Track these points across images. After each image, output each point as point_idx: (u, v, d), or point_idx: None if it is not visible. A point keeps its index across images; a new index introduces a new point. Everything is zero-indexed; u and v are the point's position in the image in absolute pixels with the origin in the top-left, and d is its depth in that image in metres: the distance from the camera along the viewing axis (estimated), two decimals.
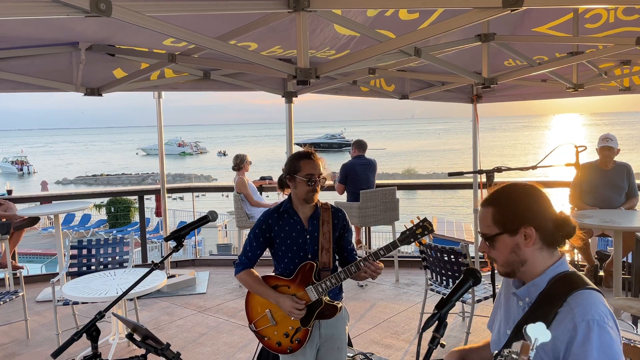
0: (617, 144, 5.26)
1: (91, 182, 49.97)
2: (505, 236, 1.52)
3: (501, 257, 1.55)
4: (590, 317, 1.35)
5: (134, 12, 1.84)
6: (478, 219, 1.63)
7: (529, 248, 1.52)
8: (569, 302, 1.42)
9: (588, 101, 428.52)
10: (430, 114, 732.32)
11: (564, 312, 1.41)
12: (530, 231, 1.50)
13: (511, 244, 1.52)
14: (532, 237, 1.51)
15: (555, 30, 4.01)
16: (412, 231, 2.46)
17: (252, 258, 2.63)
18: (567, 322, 1.38)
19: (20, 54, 3.35)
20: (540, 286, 1.51)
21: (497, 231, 1.53)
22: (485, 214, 1.57)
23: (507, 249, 1.53)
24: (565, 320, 1.39)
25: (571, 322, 1.37)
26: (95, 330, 1.83)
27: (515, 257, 1.53)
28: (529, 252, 1.52)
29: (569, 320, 1.38)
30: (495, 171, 4.01)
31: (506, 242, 1.53)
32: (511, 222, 1.52)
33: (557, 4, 2.88)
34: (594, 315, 1.36)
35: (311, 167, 2.52)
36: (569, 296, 1.43)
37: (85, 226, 18.78)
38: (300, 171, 2.51)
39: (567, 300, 1.42)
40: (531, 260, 1.53)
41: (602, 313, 1.37)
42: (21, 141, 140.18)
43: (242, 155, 6.40)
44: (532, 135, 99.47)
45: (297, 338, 2.54)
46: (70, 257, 4.81)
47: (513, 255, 1.53)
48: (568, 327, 1.37)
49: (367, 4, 2.67)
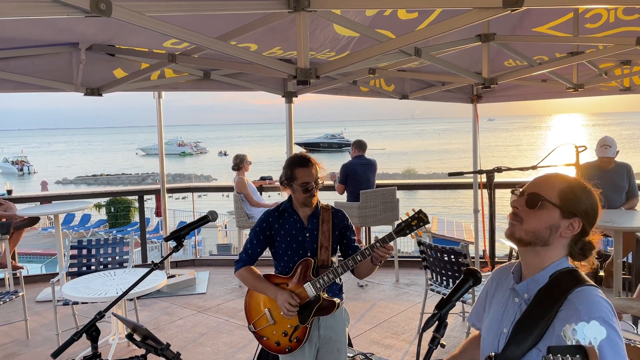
0: (615, 149, 5.24)
1: (91, 182, 49.93)
2: (557, 212, 1.47)
3: (535, 223, 1.49)
4: (597, 315, 1.34)
5: (134, 12, 1.84)
6: (536, 180, 1.54)
7: (561, 238, 1.49)
8: (571, 300, 1.40)
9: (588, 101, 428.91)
10: (430, 114, 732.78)
11: (566, 311, 1.39)
12: (578, 225, 1.47)
13: (554, 221, 1.47)
14: (573, 232, 1.48)
15: (555, 30, 4.01)
16: (407, 223, 2.46)
17: (252, 256, 2.65)
18: (572, 322, 1.37)
19: (20, 54, 3.35)
20: (540, 282, 1.49)
21: (556, 202, 1.47)
22: (554, 182, 1.51)
23: (547, 222, 1.48)
24: (571, 319, 1.37)
25: (577, 320, 1.36)
26: (95, 331, 1.83)
27: (546, 234, 1.48)
28: (558, 240, 1.49)
29: (575, 319, 1.36)
30: (495, 171, 4.02)
31: (553, 216, 1.47)
32: (573, 206, 1.47)
33: (557, 4, 2.88)
34: (599, 313, 1.35)
35: (306, 175, 2.53)
36: (569, 293, 1.41)
37: (85, 226, 18.76)
38: (296, 180, 2.53)
39: (568, 297, 1.41)
40: (552, 248, 1.49)
41: (606, 309, 1.37)
42: (21, 141, 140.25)
43: (242, 155, 6.40)
44: (532, 136, 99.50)
45: (296, 336, 2.54)
46: (70, 257, 4.81)
47: (547, 231, 1.48)
48: None
49: (367, 4, 2.67)
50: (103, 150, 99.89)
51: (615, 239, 4.55)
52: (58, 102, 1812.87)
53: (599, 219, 1.53)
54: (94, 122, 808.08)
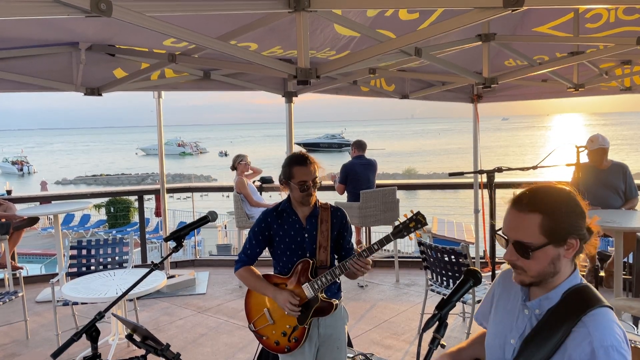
0: (601, 143, 5.12)
1: (91, 182, 49.94)
2: (550, 247, 1.40)
3: (537, 268, 1.42)
4: (609, 344, 1.33)
5: (135, 12, 1.83)
6: (513, 224, 1.44)
7: (567, 258, 1.43)
8: (584, 323, 1.38)
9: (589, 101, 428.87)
10: (430, 114, 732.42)
11: (579, 333, 1.37)
12: (576, 242, 1.41)
13: (553, 255, 1.41)
14: (575, 248, 1.42)
15: (555, 30, 4.01)
16: (405, 224, 2.46)
17: (251, 256, 2.65)
18: (585, 345, 1.35)
19: (20, 54, 3.35)
20: (553, 300, 1.45)
21: (543, 242, 1.39)
22: (530, 220, 1.40)
23: (547, 260, 1.41)
24: (582, 343, 1.36)
25: (589, 346, 1.34)
26: (95, 331, 1.83)
27: (552, 269, 1.42)
28: (564, 262, 1.43)
29: (586, 344, 1.35)
30: (495, 171, 4.02)
31: (549, 253, 1.40)
32: (561, 232, 1.39)
33: (557, 4, 2.88)
34: (612, 342, 1.34)
35: (304, 174, 2.53)
36: (584, 315, 1.38)
37: (84, 226, 18.77)
38: (294, 178, 2.53)
39: (582, 319, 1.38)
40: (561, 271, 1.44)
41: (619, 338, 1.35)
42: (21, 141, 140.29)
43: (241, 155, 6.40)
44: (533, 136, 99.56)
45: (295, 337, 2.55)
46: (69, 257, 4.80)
47: (551, 266, 1.42)
48: (585, 351, 1.34)
49: (367, 4, 2.66)
50: (103, 150, 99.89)
51: (615, 239, 4.54)
52: (58, 102, 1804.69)
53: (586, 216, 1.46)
54: (94, 122, 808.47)
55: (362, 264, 2.45)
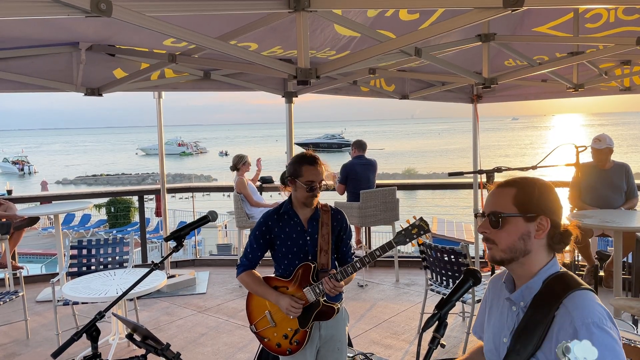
0: (607, 143, 5.20)
1: (91, 182, 49.95)
2: (521, 220, 1.48)
3: (507, 240, 1.49)
4: (590, 320, 1.34)
5: (135, 12, 1.83)
6: (490, 197, 1.56)
7: (537, 240, 1.48)
8: (565, 305, 1.40)
9: (588, 101, 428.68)
10: (430, 114, 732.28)
11: (561, 315, 1.39)
12: (546, 223, 1.47)
13: (523, 230, 1.48)
14: (545, 230, 1.48)
15: (555, 30, 4.01)
16: (407, 231, 2.45)
17: (253, 260, 2.63)
18: (567, 327, 1.37)
19: (20, 54, 3.35)
20: (534, 288, 1.49)
21: (514, 211, 1.48)
22: (505, 193, 1.52)
23: (516, 233, 1.48)
24: (565, 324, 1.37)
25: (571, 326, 1.36)
26: (95, 331, 1.83)
27: (522, 245, 1.48)
28: (535, 243, 1.49)
29: (568, 325, 1.37)
30: (495, 171, 4.01)
31: (519, 226, 1.48)
32: (532, 208, 1.48)
33: (557, 4, 2.88)
34: (592, 318, 1.35)
35: (313, 174, 2.50)
36: (564, 298, 1.41)
37: (85, 226, 18.77)
38: (302, 177, 2.50)
39: (562, 302, 1.41)
40: (534, 254, 1.49)
41: (599, 314, 1.37)
42: (21, 141, 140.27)
43: (241, 155, 6.40)
44: (533, 136, 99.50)
45: (296, 340, 2.54)
46: (70, 257, 4.81)
47: (520, 242, 1.48)
48: (569, 332, 1.35)
49: (367, 4, 2.66)
50: (103, 150, 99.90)
51: (615, 239, 4.55)
52: (58, 102, 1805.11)
53: (561, 207, 1.53)
54: (94, 122, 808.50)
55: (332, 286, 2.42)
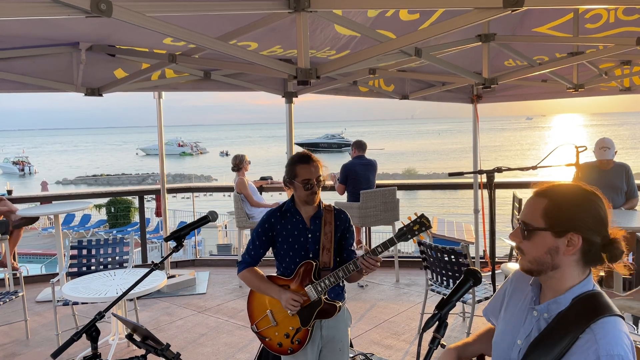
0: (613, 151, 5.22)
1: (91, 182, 49.95)
2: (548, 234, 1.41)
3: (534, 252, 1.44)
4: (616, 353, 1.31)
5: (135, 12, 1.83)
6: (525, 205, 1.50)
7: (566, 256, 1.42)
8: (592, 330, 1.35)
9: (588, 101, 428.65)
10: (430, 114, 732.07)
11: (586, 340, 1.35)
12: (577, 240, 1.39)
13: (550, 245, 1.42)
14: (576, 247, 1.40)
15: (555, 30, 4.01)
16: (409, 227, 2.45)
17: (254, 257, 2.64)
18: (590, 353, 1.33)
19: (20, 54, 3.35)
20: (562, 304, 1.44)
21: (542, 226, 1.42)
22: (537, 204, 1.45)
23: (544, 247, 1.42)
24: (588, 351, 1.34)
25: (594, 354, 1.32)
26: (95, 331, 1.83)
27: (549, 260, 1.43)
28: (565, 260, 1.42)
29: (592, 351, 1.33)
30: (495, 171, 4.01)
31: (546, 240, 1.42)
32: (562, 223, 1.40)
33: (557, 4, 2.88)
34: (619, 351, 1.32)
35: (308, 172, 2.52)
36: (592, 322, 1.36)
37: (85, 226, 18.78)
38: (298, 177, 2.53)
39: (590, 327, 1.36)
40: (564, 269, 1.43)
41: (626, 348, 1.33)
42: (21, 141, 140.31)
43: (241, 155, 6.40)
44: (533, 136, 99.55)
45: (298, 339, 2.54)
46: (70, 257, 4.81)
47: (547, 256, 1.42)
48: (590, 358, 1.33)
49: (367, 4, 2.66)
50: (103, 151, 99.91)
51: None
52: (59, 103, 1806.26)
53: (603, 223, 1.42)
54: (95, 123, 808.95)
55: (372, 262, 2.44)
